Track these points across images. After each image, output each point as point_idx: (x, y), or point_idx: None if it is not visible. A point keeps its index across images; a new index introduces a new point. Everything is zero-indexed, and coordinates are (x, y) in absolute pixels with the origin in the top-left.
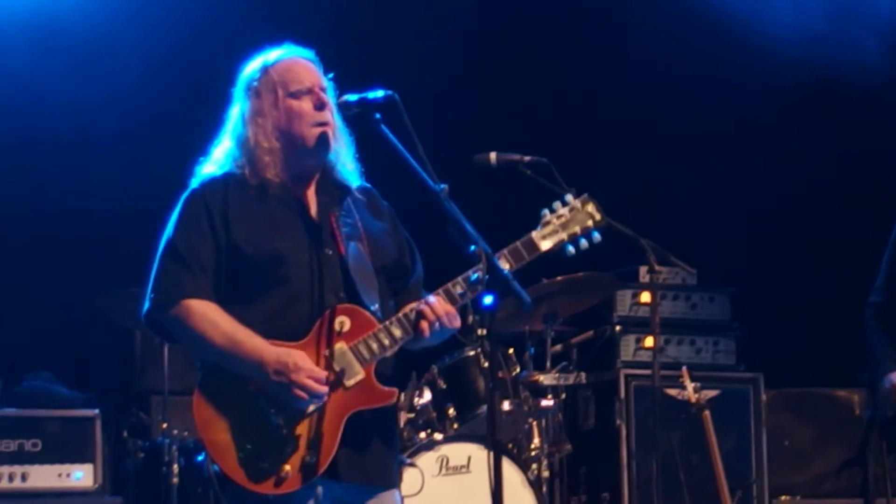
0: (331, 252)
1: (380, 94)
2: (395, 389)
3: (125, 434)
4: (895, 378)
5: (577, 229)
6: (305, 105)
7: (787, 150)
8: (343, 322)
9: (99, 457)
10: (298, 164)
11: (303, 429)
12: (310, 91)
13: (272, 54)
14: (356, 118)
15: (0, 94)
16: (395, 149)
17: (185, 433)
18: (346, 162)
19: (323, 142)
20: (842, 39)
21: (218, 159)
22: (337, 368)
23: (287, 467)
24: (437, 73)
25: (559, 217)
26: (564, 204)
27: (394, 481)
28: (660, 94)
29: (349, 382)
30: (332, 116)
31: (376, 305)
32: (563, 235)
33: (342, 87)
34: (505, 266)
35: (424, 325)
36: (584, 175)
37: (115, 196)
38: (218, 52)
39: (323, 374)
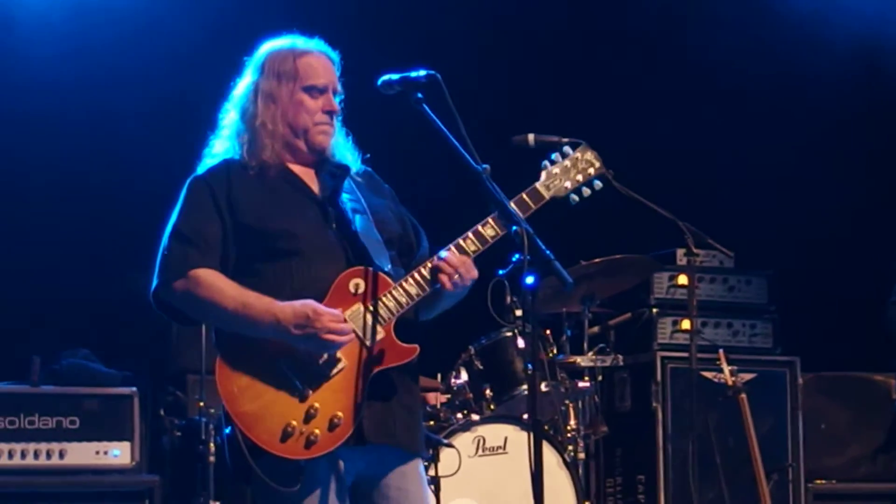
0: (336, 226)
1: (422, 73)
2: (417, 346)
3: (162, 412)
4: None
5: (580, 178)
6: (316, 104)
7: (827, 132)
8: (358, 284)
9: (136, 435)
10: (297, 153)
11: (327, 391)
12: (324, 92)
13: (300, 43)
14: (398, 97)
15: (42, 70)
16: (437, 128)
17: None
18: (344, 151)
19: (320, 144)
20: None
21: (225, 136)
22: (356, 328)
23: (315, 430)
24: (476, 53)
25: (560, 167)
26: (564, 155)
27: (419, 448)
28: (697, 75)
29: (370, 342)
30: (335, 121)
31: (389, 266)
32: (567, 184)
33: (381, 67)
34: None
35: (444, 277)
36: (621, 157)
37: (155, 174)
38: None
39: (341, 315)
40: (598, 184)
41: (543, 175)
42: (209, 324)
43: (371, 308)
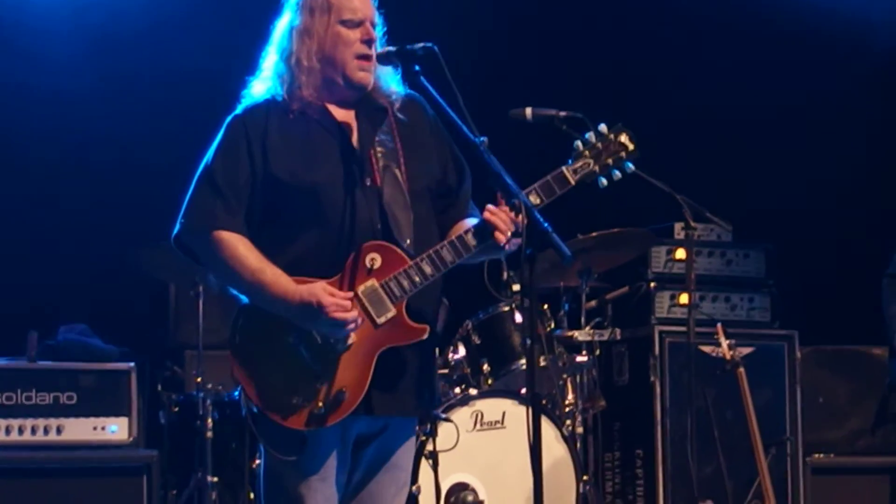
0: (369, 182)
1: (419, 46)
2: (427, 326)
3: (160, 388)
4: None
5: (610, 161)
6: (354, 35)
7: (825, 104)
8: (374, 259)
9: (134, 410)
10: (337, 90)
11: (335, 366)
12: (361, 23)
13: None
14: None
15: (36, 46)
16: (435, 101)
17: (220, 387)
18: (390, 83)
19: (360, 81)
20: None
21: (266, 77)
22: (368, 305)
23: (320, 404)
24: (474, 26)
25: (592, 148)
26: (598, 135)
27: (426, 406)
28: (696, 48)
29: (380, 319)
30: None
31: (409, 241)
32: (595, 167)
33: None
34: (536, 201)
35: (500, 235)
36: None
37: (152, 149)
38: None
39: (347, 300)
40: (630, 167)
41: (573, 158)
42: (223, 282)
43: (384, 286)
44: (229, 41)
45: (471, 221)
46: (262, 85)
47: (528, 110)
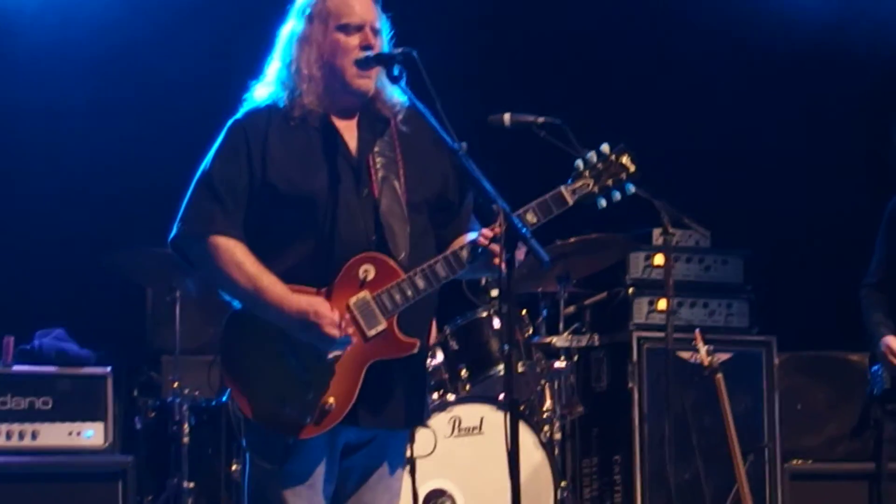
0: (366, 192)
1: (399, 51)
2: (417, 340)
3: (136, 393)
4: (888, 340)
5: (610, 182)
6: (353, 41)
7: (802, 111)
8: (368, 270)
9: (110, 415)
10: (338, 98)
11: (323, 376)
12: (360, 28)
13: None
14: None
15: (13, 50)
16: (415, 106)
17: (197, 392)
18: (391, 91)
19: (359, 88)
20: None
21: (269, 81)
22: (359, 317)
23: (307, 414)
24: (453, 32)
25: (592, 169)
26: (599, 155)
27: (414, 420)
28: (674, 53)
29: (371, 332)
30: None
31: (404, 254)
32: (595, 188)
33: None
34: (532, 220)
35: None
36: (597, 136)
37: (129, 153)
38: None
39: (342, 320)
40: (630, 189)
41: (572, 178)
42: (219, 288)
43: (376, 299)
44: (208, 50)
45: (471, 236)
46: (264, 89)
47: (507, 116)
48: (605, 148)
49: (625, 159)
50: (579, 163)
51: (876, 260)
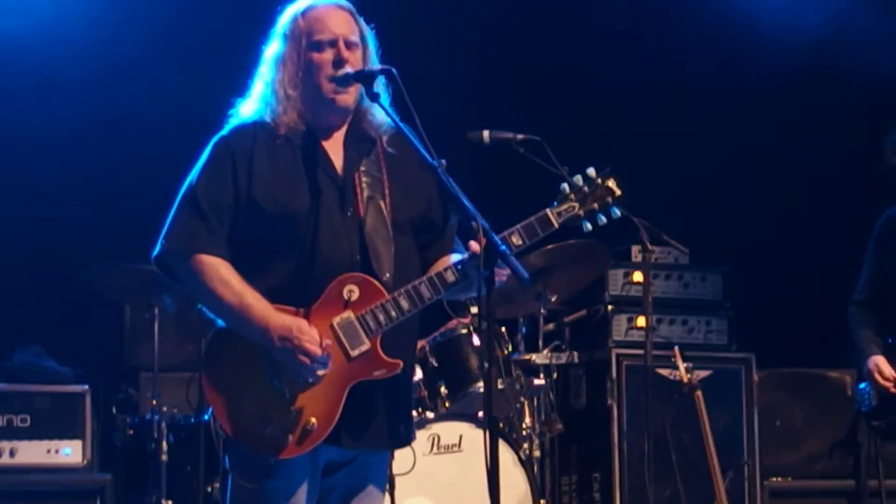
0: (351, 212)
1: (378, 68)
2: (400, 361)
3: (114, 410)
4: (876, 360)
5: (595, 205)
6: (326, 57)
7: (781, 128)
8: (352, 290)
9: (88, 433)
10: (320, 116)
11: (306, 397)
12: (333, 44)
13: (308, 0)
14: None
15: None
16: (394, 123)
17: (175, 410)
18: (379, 112)
19: (338, 104)
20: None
21: (254, 99)
22: (343, 337)
23: (289, 433)
24: (434, 49)
25: (578, 192)
26: (585, 178)
27: (398, 442)
28: (652, 73)
29: (354, 352)
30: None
31: (388, 275)
32: (580, 211)
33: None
34: (517, 242)
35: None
36: (576, 153)
37: (106, 171)
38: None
39: (325, 340)
40: (616, 212)
41: (558, 200)
42: (203, 305)
43: (360, 319)
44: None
45: (454, 257)
46: (250, 106)
47: (486, 133)
48: (591, 171)
49: (611, 183)
50: (565, 186)
51: (864, 276)
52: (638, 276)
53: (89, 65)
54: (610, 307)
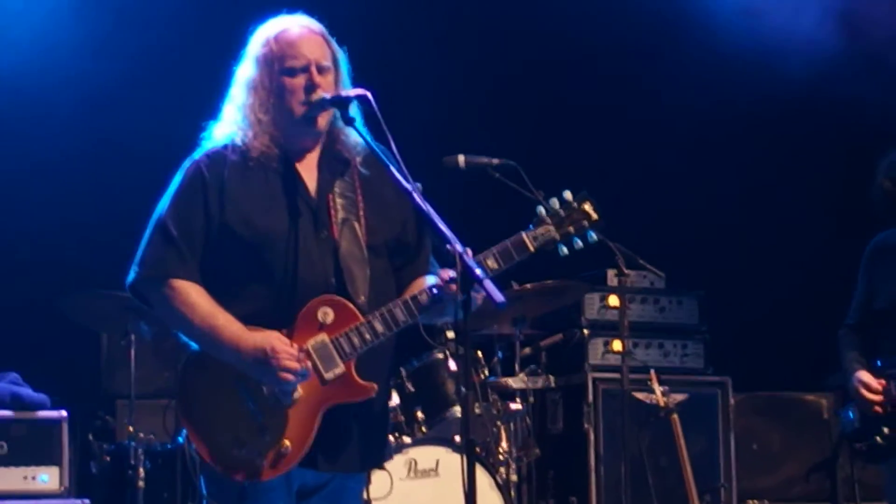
0: (325, 234)
1: (354, 93)
2: (375, 385)
3: (91, 437)
4: (860, 375)
5: (571, 229)
6: (298, 82)
7: (756, 153)
8: (326, 313)
9: (65, 460)
10: (292, 139)
11: (280, 420)
12: (305, 69)
13: (280, 23)
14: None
15: None
16: (370, 147)
17: (152, 436)
18: (352, 134)
19: (309, 121)
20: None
21: (226, 121)
22: (317, 360)
23: (263, 457)
24: (412, 74)
25: (554, 216)
26: (562, 202)
27: (372, 464)
28: (627, 96)
29: (328, 375)
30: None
31: (363, 298)
32: (556, 235)
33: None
34: (493, 266)
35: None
36: (551, 178)
37: (79, 199)
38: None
39: (300, 353)
40: (592, 236)
41: (534, 224)
42: (176, 330)
43: (334, 342)
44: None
45: (429, 280)
46: (221, 129)
47: (461, 158)
48: (567, 195)
49: (587, 206)
50: (541, 209)
51: (854, 301)
52: (614, 301)
53: (63, 96)
54: (586, 331)
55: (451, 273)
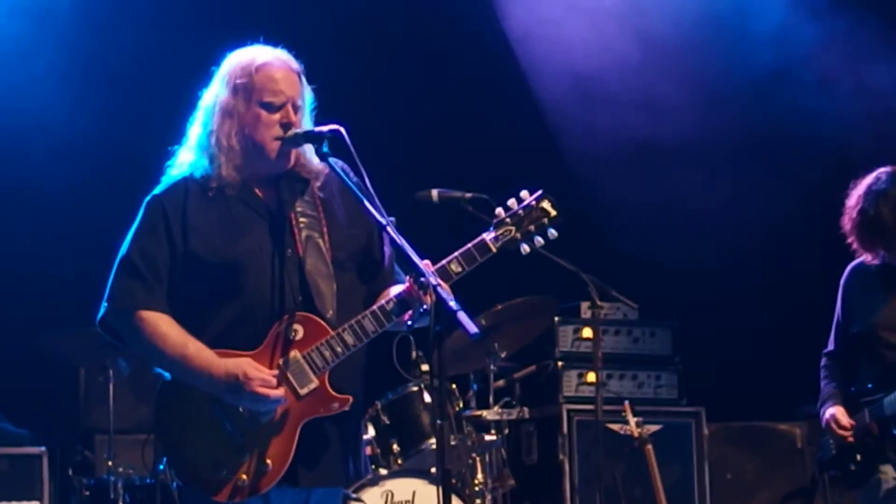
0: (290, 252)
1: (328, 129)
2: (350, 397)
3: (71, 472)
4: (832, 410)
5: (532, 227)
6: (274, 117)
7: (728, 184)
8: (297, 330)
9: (45, 494)
10: (259, 167)
11: (258, 438)
12: (282, 107)
13: (261, 55)
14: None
15: None
16: (343, 181)
17: (131, 471)
18: (311, 156)
19: (281, 156)
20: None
21: (190, 146)
22: (291, 377)
23: (243, 476)
24: (383, 109)
25: (513, 216)
26: (519, 201)
27: (353, 477)
28: (601, 133)
29: (303, 391)
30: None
31: (331, 312)
32: (517, 234)
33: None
34: (457, 269)
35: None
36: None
37: (57, 237)
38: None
39: (273, 378)
40: (552, 232)
41: (493, 225)
42: (148, 361)
43: (306, 357)
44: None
45: (396, 289)
46: (186, 154)
47: (435, 192)
48: (524, 194)
49: (545, 204)
50: (500, 210)
51: (834, 327)
52: (587, 332)
53: (39, 135)
54: (560, 363)
55: (411, 287)
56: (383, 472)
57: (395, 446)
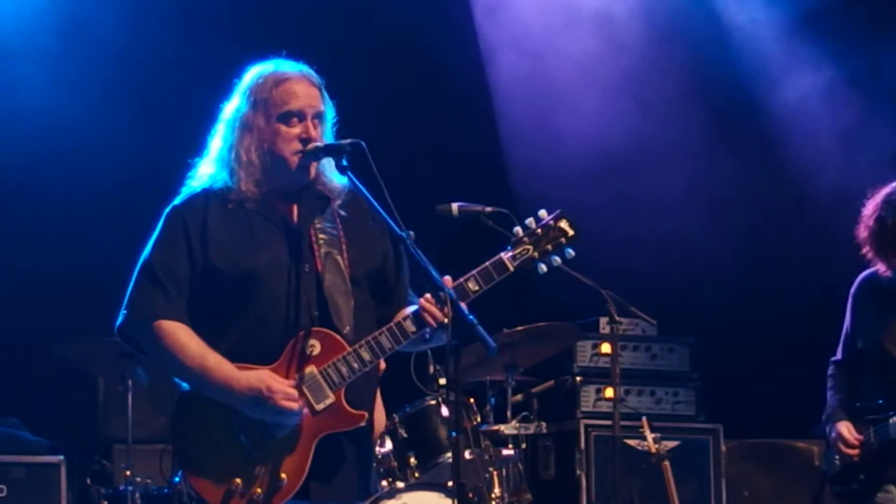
0: (308, 268)
1: (348, 141)
2: (365, 413)
3: (89, 481)
4: (839, 427)
5: (549, 247)
6: (294, 131)
7: (748, 199)
8: (314, 345)
9: (63, 503)
10: (279, 182)
11: (274, 452)
12: (302, 119)
13: (281, 69)
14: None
15: None
16: (363, 195)
17: (149, 481)
18: (331, 175)
19: (301, 169)
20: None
21: (211, 159)
22: (307, 392)
23: (258, 490)
24: (401, 122)
25: (531, 234)
26: (537, 220)
27: (364, 493)
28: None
29: (319, 406)
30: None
31: (348, 328)
32: (535, 254)
33: None
34: (474, 288)
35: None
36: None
37: (78, 244)
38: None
39: (295, 391)
40: (570, 253)
41: (511, 244)
42: (166, 371)
43: (322, 373)
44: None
45: (411, 308)
46: (207, 167)
47: (455, 206)
48: (542, 213)
49: (563, 224)
50: (518, 229)
51: (842, 337)
52: (606, 348)
53: (57, 144)
54: (578, 378)
55: (427, 304)
56: (400, 485)
57: (412, 459)
